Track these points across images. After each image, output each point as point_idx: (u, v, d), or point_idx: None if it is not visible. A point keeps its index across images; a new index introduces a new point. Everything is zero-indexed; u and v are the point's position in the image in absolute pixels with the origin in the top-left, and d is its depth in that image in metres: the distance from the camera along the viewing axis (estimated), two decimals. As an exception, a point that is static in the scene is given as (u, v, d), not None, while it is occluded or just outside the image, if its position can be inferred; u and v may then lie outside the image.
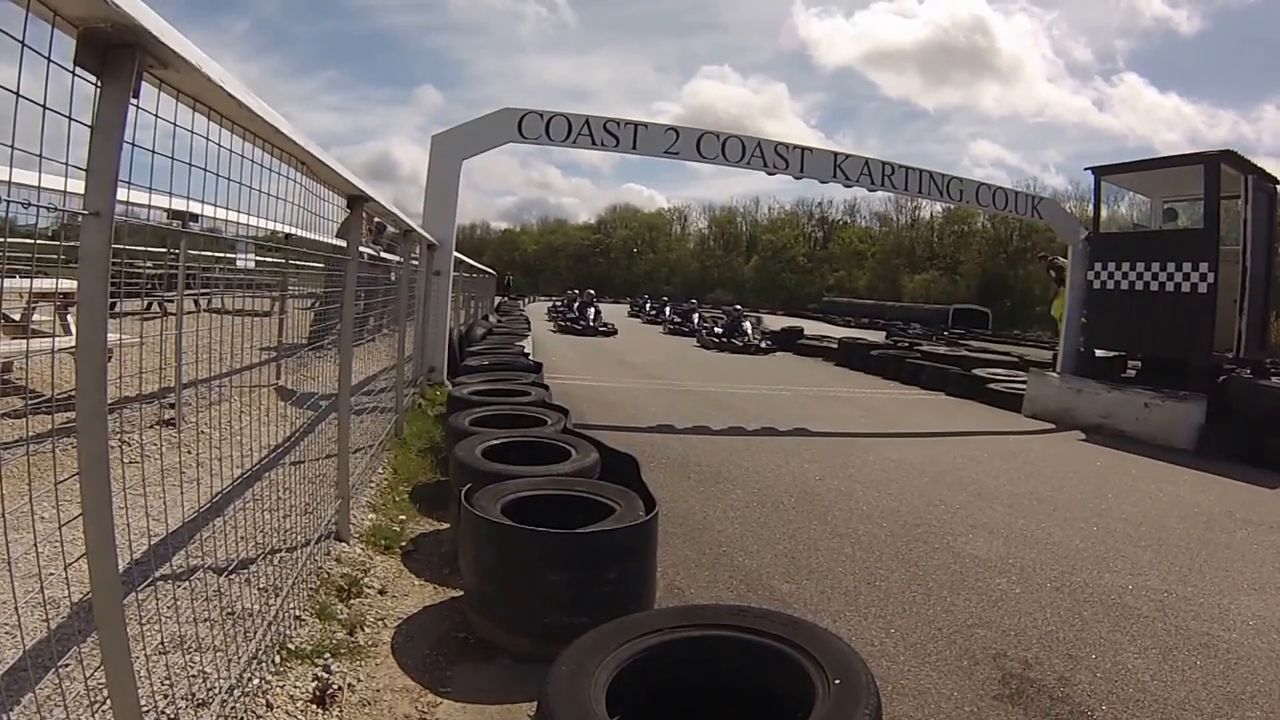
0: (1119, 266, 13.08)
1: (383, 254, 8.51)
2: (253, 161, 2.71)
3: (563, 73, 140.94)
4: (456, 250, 12.24)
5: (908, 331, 33.90)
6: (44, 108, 1.57)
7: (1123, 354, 13.84)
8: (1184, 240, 12.76)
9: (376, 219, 7.20)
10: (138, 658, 2.07)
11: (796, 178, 12.58)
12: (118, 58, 1.76)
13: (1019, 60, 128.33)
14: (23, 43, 1.51)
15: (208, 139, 2.32)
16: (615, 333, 28.20)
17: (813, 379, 17.13)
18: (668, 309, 40.15)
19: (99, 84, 1.75)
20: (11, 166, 1.54)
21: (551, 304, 43.59)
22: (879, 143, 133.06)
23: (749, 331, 24.39)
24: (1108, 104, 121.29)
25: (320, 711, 2.91)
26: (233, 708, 2.67)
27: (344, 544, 4.51)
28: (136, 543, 3.29)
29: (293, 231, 3.56)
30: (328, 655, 3.25)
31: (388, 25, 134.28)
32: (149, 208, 3.09)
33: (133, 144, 1.85)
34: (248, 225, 3.00)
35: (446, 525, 5.15)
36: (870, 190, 13.25)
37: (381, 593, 4.10)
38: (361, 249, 5.08)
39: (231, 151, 2.51)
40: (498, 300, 36.06)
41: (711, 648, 2.55)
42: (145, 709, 2.06)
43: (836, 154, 12.71)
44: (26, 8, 1.52)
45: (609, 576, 3.47)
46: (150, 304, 8.45)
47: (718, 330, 25.71)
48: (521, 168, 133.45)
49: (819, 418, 11.44)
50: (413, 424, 7.97)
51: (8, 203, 1.80)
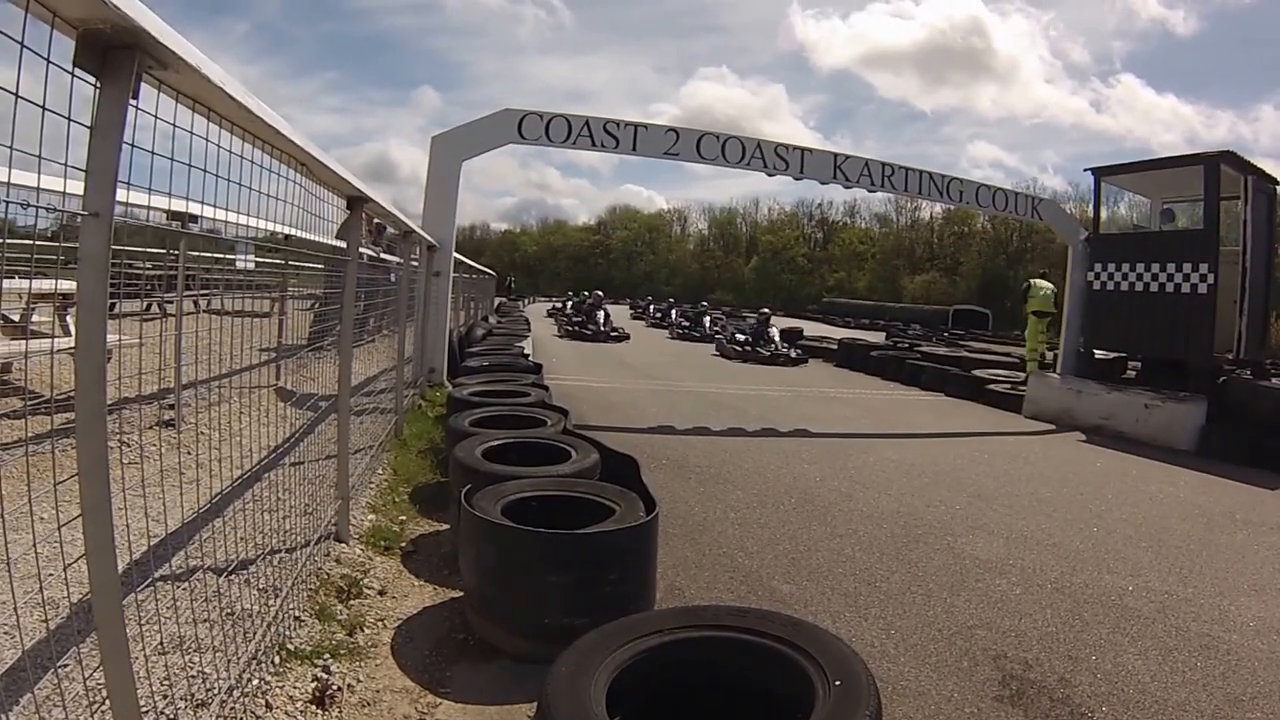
0: (1119, 267, 13.07)
1: (382, 255, 8.51)
2: (252, 162, 2.71)
3: (562, 74, 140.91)
4: (456, 251, 12.24)
5: (908, 332, 33.84)
6: (43, 109, 1.57)
7: (1123, 355, 13.85)
8: (1184, 241, 12.75)
9: (376, 220, 7.20)
10: (137, 658, 2.07)
11: (796, 179, 12.59)
12: (117, 59, 1.76)
13: (1016, 61, 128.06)
14: (22, 44, 1.51)
15: (207, 140, 2.32)
16: (627, 338, 25.83)
17: (813, 380, 17.12)
18: (673, 312, 37.24)
19: (98, 85, 1.75)
20: (10, 168, 1.54)
21: (552, 305, 42.06)
22: (877, 144, 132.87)
23: (776, 339, 22.40)
24: (1105, 105, 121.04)
25: (320, 712, 2.91)
26: (232, 708, 2.67)
27: (344, 545, 4.51)
28: (136, 543, 3.29)
29: (292, 232, 3.56)
30: (327, 656, 3.25)
31: (387, 27, 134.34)
32: (148, 209, 3.08)
33: (132, 145, 1.84)
34: (247, 226, 3.00)
35: (446, 526, 5.14)
36: (870, 191, 13.25)
37: (381, 593, 4.10)
38: (361, 250, 5.07)
39: (231, 152, 2.51)
40: (498, 301, 36.01)
41: (712, 649, 2.55)
42: (144, 709, 2.06)
43: (836, 155, 12.72)
44: (25, 8, 1.51)
45: (609, 577, 3.47)
46: (150, 305, 8.46)
47: (739, 337, 23.43)
48: (521, 169, 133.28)
49: (819, 419, 11.43)
50: (413, 425, 7.96)
51: (7, 204, 1.79)
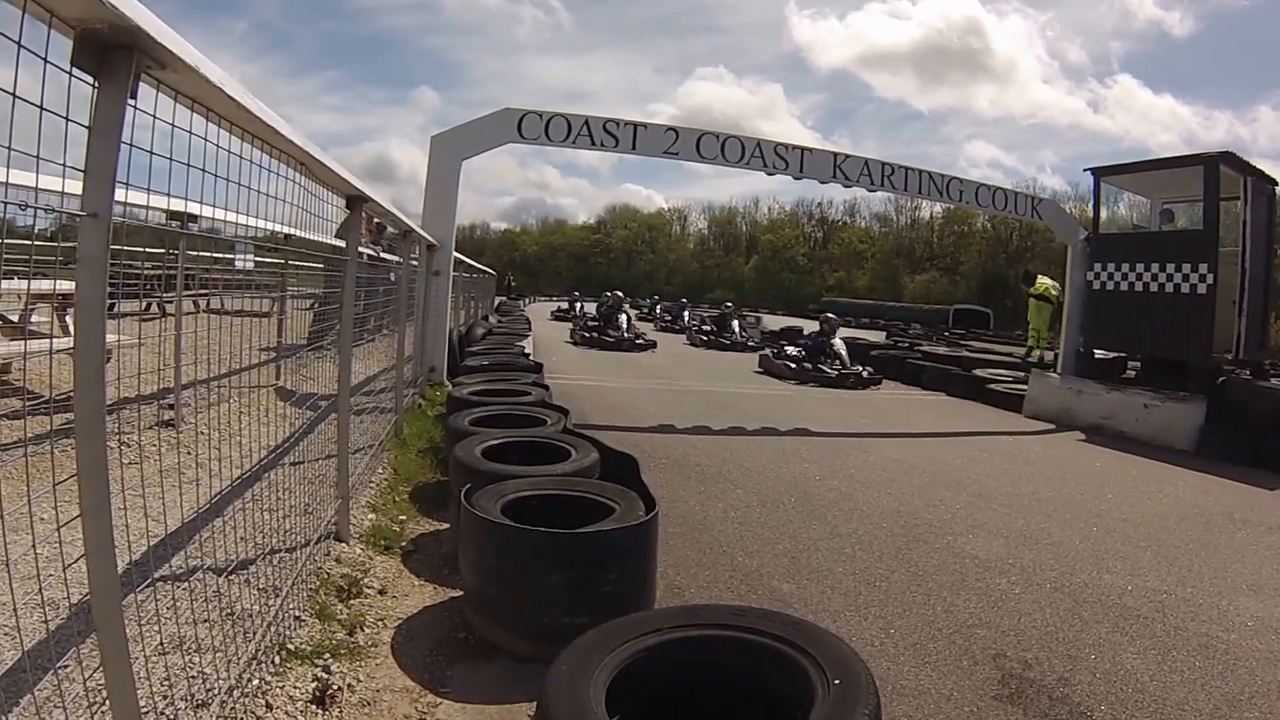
0: (1118, 267, 13.07)
1: (382, 254, 8.50)
2: (251, 162, 2.70)
3: (561, 74, 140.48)
4: (456, 250, 12.23)
5: (908, 332, 33.78)
6: (41, 108, 1.56)
7: (1123, 355, 13.85)
8: (1183, 241, 12.74)
9: (376, 219, 7.20)
10: (137, 659, 2.06)
11: (796, 178, 12.58)
12: (115, 58, 1.75)
13: (1013, 62, 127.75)
14: (19, 43, 1.50)
15: (206, 139, 2.31)
16: (654, 346, 22.20)
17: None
18: (685, 313, 33.64)
19: (96, 85, 1.74)
20: (9, 168, 1.53)
21: (558, 307, 37.40)
22: (876, 144, 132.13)
23: (843, 355, 17.70)
24: (1103, 105, 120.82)
25: (320, 712, 2.90)
26: (232, 708, 2.66)
27: (344, 544, 4.49)
28: (136, 544, 3.28)
29: (292, 232, 3.55)
30: (327, 655, 3.24)
31: (386, 26, 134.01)
32: (147, 209, 3.08)
33: (130, 145, 1.84)
34: (247, 226, 2.99)
35: (446, 525, 5.13)
36: (870, 190, 13.23)
37: (381, 593, 4.09)
38: (361, 249, 5.07)
39: (230, 152, 2.50)
40: (498, 300, 35.92)
41: (712, 648, 2.54)
42: (144, 710, 2.05)
43: (836, 154, 12.71)
44: (23, 8, 1.50)
45: (609, 576, 3.46)
46: (149, 305, 8.45)
47: (791, 352, 18.65)
48: (520, 168, 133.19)
49: (819, 418, 11.42)
50: (413, 424, 7.95)
51: (5, 204, 1.78)
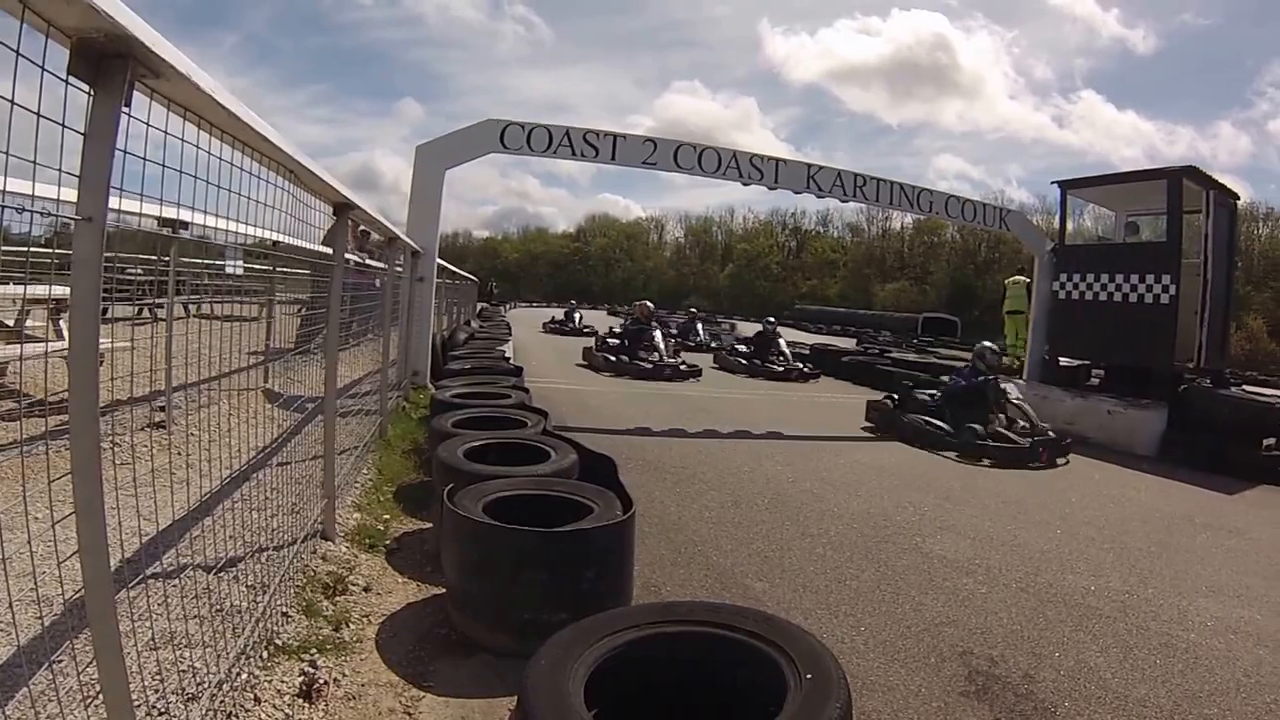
0: (1084, 278, 13.18)
1: (368, 261, 8.48)
2: (242, 169, 2.70)
3: (543, 86, 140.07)
4: (440, 257, 12.20)
5: (878, 339, 33.93)
6: (38, 115, 1.56)
7: (1087, 362, 13.99)
8: (1147, 253, 12.87)
9: (362, 227, 7.18)
10: (129, 654, 2.05)
11: (771, 188, 12.57)
12: (110, 67, 1.75)
13: (981, 77, 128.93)
14: (18, 52, 1.50)
15: (198, 147, 2.31)
16: (699, 373, 17.11)
17: (786, 383, 17.10)
18: (700, 328, 26.88)
19: (92, 92, 1.74)
20: (6, 174, 1.53)
21: (550, 318, 31.43)
22: (847, 156, 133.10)
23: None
24: (1068, 120, 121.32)
25: (307, 705, 2.90)
26: (222, 701, 2.66)
27: (330, 543, 4.48)
28: (128, 542, 3.26)
29: (280, 238, 3.55)
30: (314, 651, 3.24)
31: (372, 40, 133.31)
32: (140, 215, 3.07)
33: (124, 151, 1.84)
34: (237, 232, 2.99)
35: (429, 524, 5.12)
36: (843, 201, 13.23)
37: (366, 590, 4.08)
38: (347, 256, 5.06)
39: (221, 159, 2.50)
40: (480, 306, 35.82)
41: (687, 643, 2.56)
42: (136, 703, 2.05)
43: (810, 166, 12.73)
44: (21, 17, 1.51)
45: (587, 574, 3.48)
46: (141, 309, 8.38)
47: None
48: (501, 178, 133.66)
49: (792, 422, 11.46)
50: (397, 426, 7.93)
51: (3, 208, 1.78)
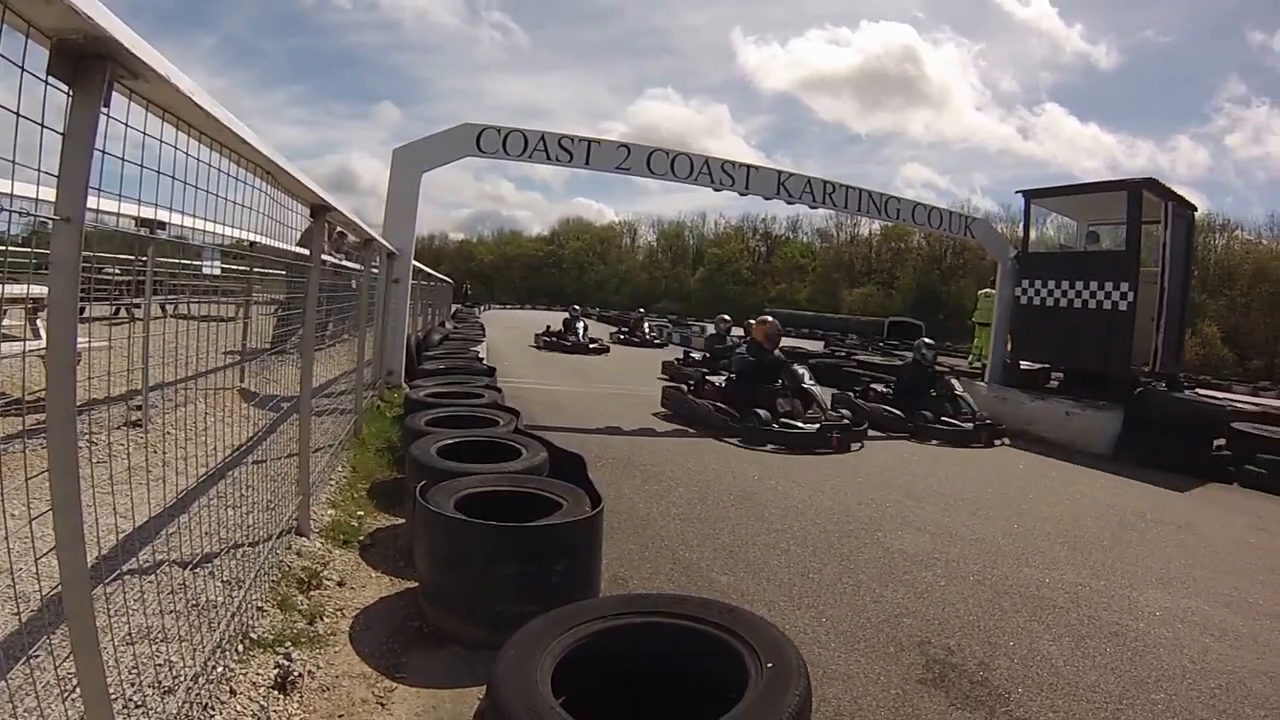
0: (1045, 284, 13.37)
1: (344, 262, 8.43)
2: (220, 170, 2.68)
3: (519, 92, 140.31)
4: (415, 259, 12.14)
5: (845, 342, 34.12)
6: (17, 115, 1.55)
7: (1047, 365, 14.17)
8: (1107, 261, 13.08)
9: (338, 228, 7.14)
10: (106, 648, 2.03)
11: (741, 194, 12.62)
12: (89, 68, 1.74)
13: (948, 89, 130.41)
14: (-2, 53, 1.49)
15: (175, 147, 2.29)
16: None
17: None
18: (735, 330, 20.65)
19: (71, 93, 1.72)
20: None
21: (546, 329, 24.40)
22: (817, 164, 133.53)
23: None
24: (1032, 132, 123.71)
25: (281, 697, 2.89)
26: (198, 694, 2.64)
27: (304, 538, 4.46)
28: (104, 538, 3.24)
29: (258, 239, 3.53)
30: (289, 644, 3.22)
31: (351, 44, 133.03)
32: (118, 215, 3.04)
33: (103, 152, 1.82)
34: (215, 233, 2.97)
35: (402, 520, 5.09)
36: (812, 207, 13.34)
37: (340, 585, 4.07)
38: (324, 257, 5.03)
39: (199, 160, 2.48)
40: (455, 307, 35.67)
41: (652, 634, 2.59)
42: (114, 697, 2.03)
43: (780, 172, 12.82)
44: (0, 18, 1.49)
45: (556, 568, 3.49)
46: (119, 309, 8.28)
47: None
48: (476, 181, 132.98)
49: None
50: (371, 425, 7.87)
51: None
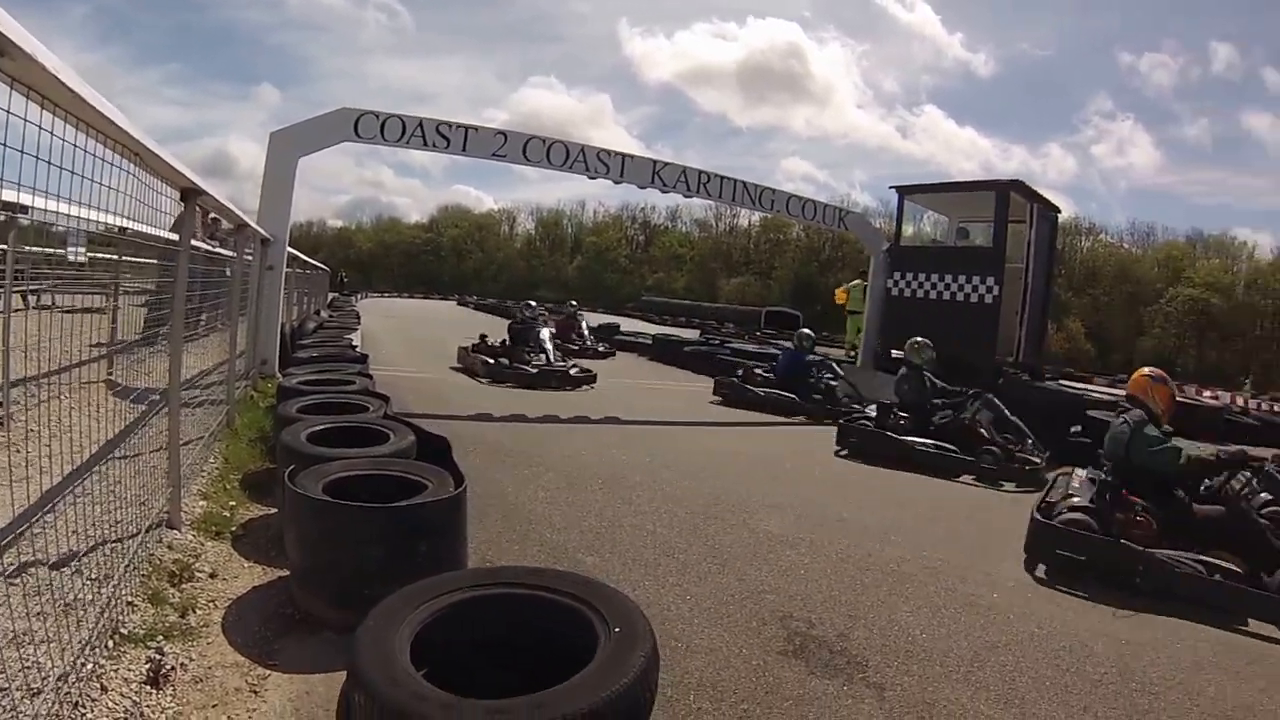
0: (915, 276, 14.01)
1: (218, 249, 8.12)
2: (86, 152, 2.58)
3: (405, 76, 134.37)
4: (291, 246, 11.82)
5: (722, 330, 34.57)
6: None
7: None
8: (974, 256, 13.84)
9: (212, 214, 6.89)
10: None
11: (616, 182, 12.70)
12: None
13: (831, 86, 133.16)
14: None
15: (40, 127, 2.20)
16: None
17: (627, 372, 17.15)
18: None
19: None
20: None
21: (481, 339, 15.54)
22: (699, 156, 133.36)
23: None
24: (911, 132, 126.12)
25: (154, 691, 2.82)
26: (67, 693, 2.55)
27: (176, 531, 4.31)
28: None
29: (127, 225, 3.39)
30: (160, 638, 3.14)
31: (231, 20, 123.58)
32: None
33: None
34: (81, 218, 2.85)
35: (275, 510, 4.99)
36: (686, 196, 13.55)
37: (212, 576, 3.97)
38: (195, 243, 4.86)
39: (65, 141, 2.38)
40: (331, 296, 34.66)
41: (510, 605, 2.66)
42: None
43: (655, 162, 13.00)
44: None
45: (421, 548, 3.50)
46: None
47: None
48: (356, 167, 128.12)
49: (630, 408, 11.58)
50: (244, 415, 7.62)
51: None
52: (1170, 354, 61.00)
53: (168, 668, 2.92)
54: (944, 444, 9.12)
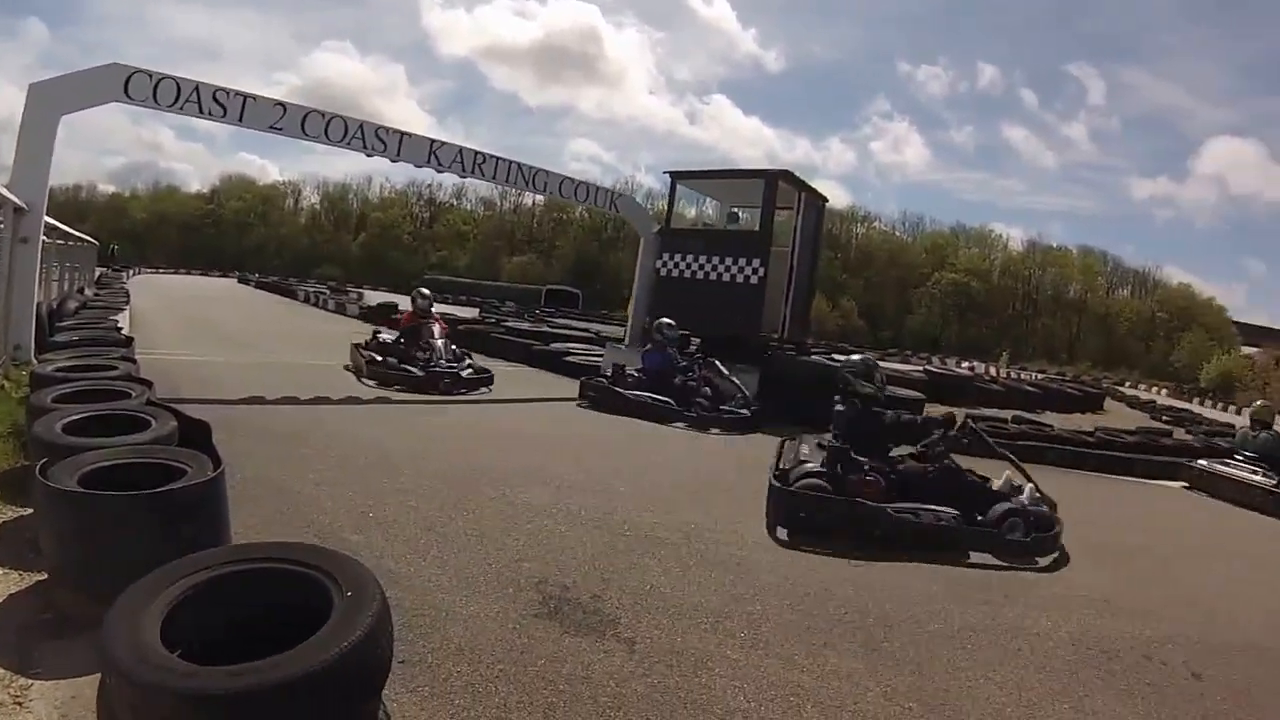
0: (685, 258, 14.48)
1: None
2: None
3: (194, 25, 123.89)
4: (52, 215, 10.75)
5: (502, 309, 34.51)
6: None
7: (686, 332, 15.34)
8: (742, 239, 14.51)
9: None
10: None
11: (394, 161, 12.44)
12: None
13: (625, 71, 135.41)
14: None
15: None
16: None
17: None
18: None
19: None
20: None
21: (377, 334, 13.95)
22: (490, 132, 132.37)
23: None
24: (699, 119, 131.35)
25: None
26: None
27: (-89, 544, 3.91)
28: None
29: None
30: (-99, 666, 2.85)
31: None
32: None
33: None
34: None
35: (31, 509, 4.59)
36: (462, 176, 13.54)
37: (-41, 590, 3.62)
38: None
39: None
40: (99, 272, 31.90)
41: (257, 579, 2.71)
42: None
43: (433, 141, 12.74)
44: None
45: (183, 533, 3.37)
46: None
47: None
48: (133, 125, 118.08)
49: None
50: (-5, 407, 6.95)
51: None
52: (935, 330, 68.29)
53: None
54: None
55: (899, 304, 72.75)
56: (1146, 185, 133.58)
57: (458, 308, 32.16)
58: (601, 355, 15.55)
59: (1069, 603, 5.22)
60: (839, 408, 6.82)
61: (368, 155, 12.15)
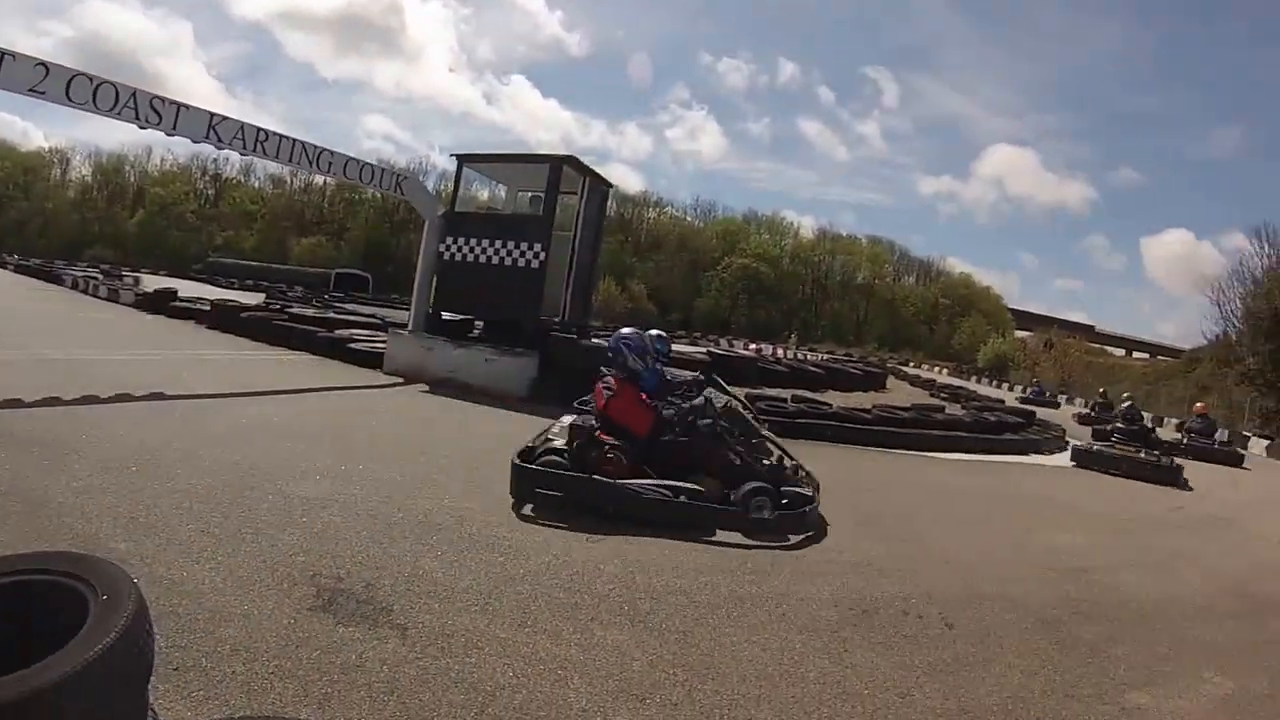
0: (468, 241, 14.37)
1: None
2: None
3: None
4: None
5: (289, 294, 33.03)
6: None
7: (469, 316, 15.28)
8: (523, 223, 14.57)
9: None
10: None
11: (169, 134, 11.11)
12: None
13: (425, 46, 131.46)
14: None
15: None
16: None
17: (181, 343, 15.66)
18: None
19: None
20: None
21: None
22: (282, 104, 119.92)
23: None
24: (497, 99, 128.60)
25: None
26: None
27: None
28: None
29: None
30: None
31: None
32: None
33: None
34: None
35: None
36: (242, 154, 12.34)
37: None
38: None
39: None
40: None
41: (8, 592, 2.49)
42: None
43: (213, 115, 11.56)
44: None
45: None
46: None
47: None
48: None
49: (178, 382, 10.58)
50: None
51: None
52: (724, 313, 71.38)
53: None
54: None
55: (689, 287, 75.23)
56: (933, 182, 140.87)
57: (242, 294, 30.13)
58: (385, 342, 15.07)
59: (835, 568, 5.66)
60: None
61: (141, 127, 10.84)
